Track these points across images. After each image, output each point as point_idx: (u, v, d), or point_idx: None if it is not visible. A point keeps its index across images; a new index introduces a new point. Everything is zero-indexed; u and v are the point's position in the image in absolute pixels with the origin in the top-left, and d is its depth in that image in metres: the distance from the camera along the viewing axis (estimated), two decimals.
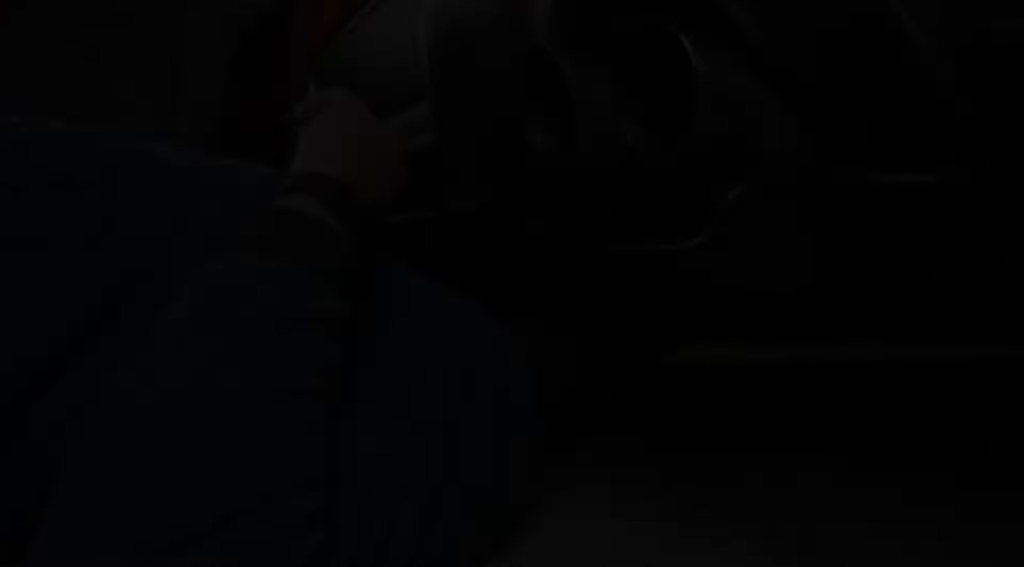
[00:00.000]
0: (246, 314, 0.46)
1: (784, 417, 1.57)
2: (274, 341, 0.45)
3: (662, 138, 0.49)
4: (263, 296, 0.47)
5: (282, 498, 0.41)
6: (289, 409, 0.44)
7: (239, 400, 0.42)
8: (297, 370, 0.45)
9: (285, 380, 0.44)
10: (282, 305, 0.47)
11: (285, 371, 0.45)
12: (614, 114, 0.49)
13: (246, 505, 0.39)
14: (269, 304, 0.47)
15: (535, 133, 0.58)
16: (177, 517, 0.38)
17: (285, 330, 0.46)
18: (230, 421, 0.41)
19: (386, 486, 0.50)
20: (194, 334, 0.45)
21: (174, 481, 0.39)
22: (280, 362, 0.45)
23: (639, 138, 0.49)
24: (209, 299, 0.47)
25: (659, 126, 0.49)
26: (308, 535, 0.42)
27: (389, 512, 0.50)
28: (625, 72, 0.48)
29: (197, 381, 0.42)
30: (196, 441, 0.40)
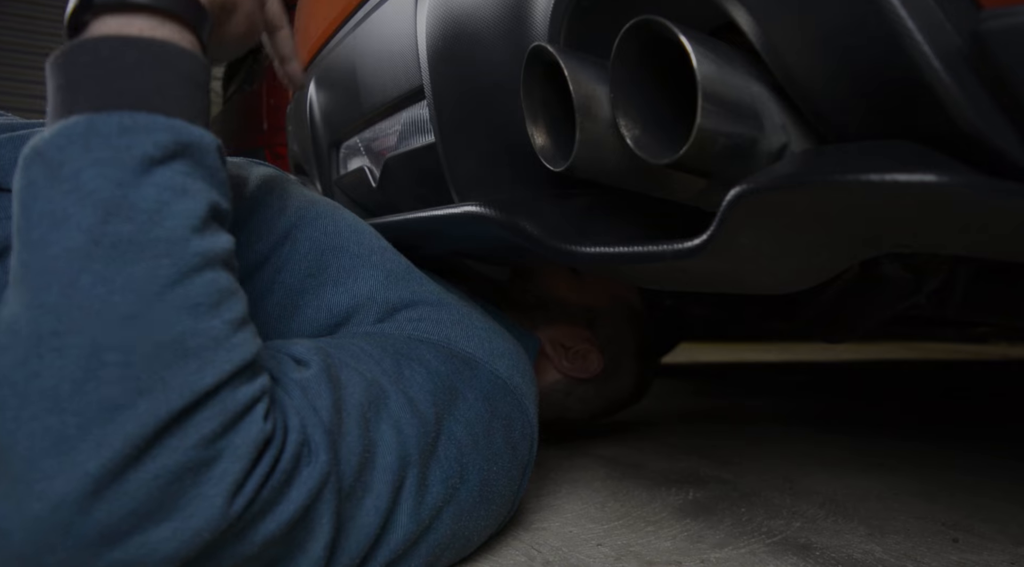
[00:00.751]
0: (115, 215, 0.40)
1: (784, 417, 1.57)
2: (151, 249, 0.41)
3: (662, 139, 0.49)
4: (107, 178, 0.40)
5: (218, 391, 0.41)
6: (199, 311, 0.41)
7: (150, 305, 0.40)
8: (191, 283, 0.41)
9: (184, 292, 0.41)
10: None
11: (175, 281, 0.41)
12: (614, 115, 0.49)
13: (181, 409, 0.39)
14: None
15: (535, 134, 0.58)
16: (113, 434, 0.37)
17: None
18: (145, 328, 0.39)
19: (363, 439, 0.51)
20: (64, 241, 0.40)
21: (98, 399, 0.38)
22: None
23: (639, 139, 0.49)
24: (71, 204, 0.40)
25: (659, 127, 0.49)
26: (251, 421, 0.42)
27: (363, 456, 0.50)
28: (625, 72, 0.48)
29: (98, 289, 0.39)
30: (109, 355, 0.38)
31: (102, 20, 0.45)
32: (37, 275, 0.39)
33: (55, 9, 5.55)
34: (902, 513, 0.85)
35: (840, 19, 0.39)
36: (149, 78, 0.44)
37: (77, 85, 0.43)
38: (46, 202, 0.40)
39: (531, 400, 0.69)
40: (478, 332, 0.68)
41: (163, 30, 0.46)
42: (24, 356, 0.38)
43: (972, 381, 2.56)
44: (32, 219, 0.40)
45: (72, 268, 0.39)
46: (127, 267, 0.39)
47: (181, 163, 0.43)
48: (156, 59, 0.44)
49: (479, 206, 0.66)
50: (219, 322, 0.42)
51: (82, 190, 0.40)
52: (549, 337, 0.96)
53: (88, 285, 0.39)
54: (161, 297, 0.40)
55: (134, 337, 0.39)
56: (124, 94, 0.42)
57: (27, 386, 0.37)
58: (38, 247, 0.40)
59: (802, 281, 0.58)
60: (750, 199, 0.43)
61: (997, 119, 0.35)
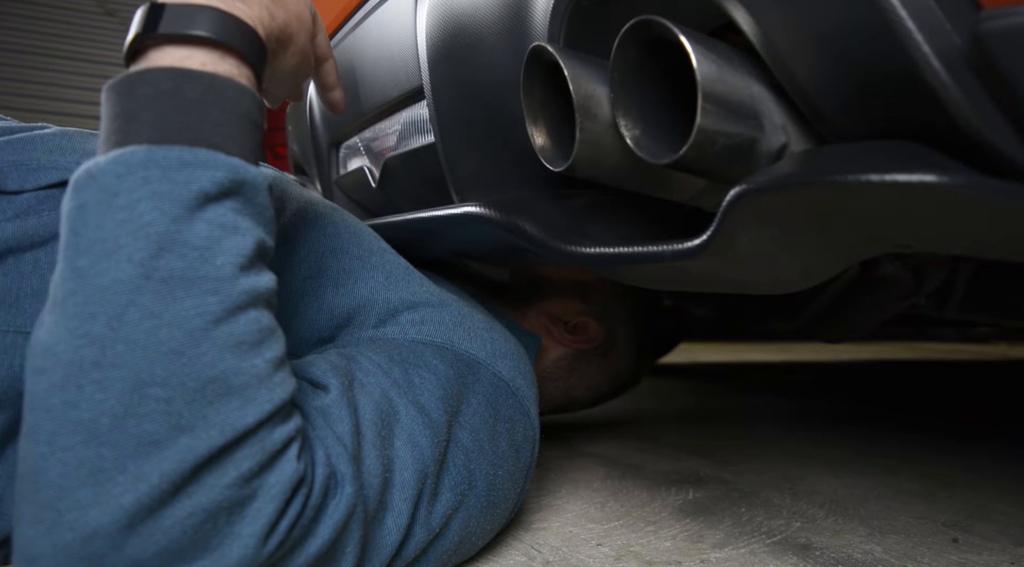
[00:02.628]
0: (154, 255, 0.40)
1: (784, 417, 1.56)
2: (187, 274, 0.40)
3: (662, 139, 0.49)
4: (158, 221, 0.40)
5: (254, 433, 0.41)
6: (240, 351, 0.41)
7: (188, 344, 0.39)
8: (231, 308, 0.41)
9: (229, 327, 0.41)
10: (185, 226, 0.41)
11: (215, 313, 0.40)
12: (614, 115, 0.49)
13: (221, 446, 0.39)
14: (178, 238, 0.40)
15: (535, 134, 0.58)
16: (151, 471, 0.37)
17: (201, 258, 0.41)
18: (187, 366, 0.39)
19: (382, 459, 0.51)
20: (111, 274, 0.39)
21: (138, 437, 0.37)
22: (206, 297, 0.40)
23: (639, 139, 0.49)
24: (108, 236, 0.40)
25: (659, 127, 0.49)
26: (286, 460, 0.42)
27: (380, 473, 0.50)
28: (625, 72, 0.48)
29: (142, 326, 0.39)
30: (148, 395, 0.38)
31: (163, 50, 0.45)
32: (83, 303, 0.39)
33: (55, 9, 5.55)
34: (902, 513, 0.85)
35: (840, 19, 0.39)
36: (208, 114, 0.43)
37: (136, 115, 0.42)
38: (97, 229, 0.40)
39: (532, 401, 0.69)
40: (480, 333, 0.67)
41: (223, 65, 0.46)
42: (63, 383, 0.37)
43: (972, 381, 2.56)
44: (81, 245, 0.40)
45: (120, 300, 0.38)
46: (176, 303, 0.39)
47: (233, 200, 0.43)
48: (217, 95, 0.44)
49: (479, 206, 0.66)
50: (261, 361, 0.42)
51: (137, 221, 0.39)
52: (546, 312, 0.96)
53: (135, 319, 0.38)
54: (207, 334, 0.39)
55: (179, 374, 0.38)
56: (184, 129, 0.42)
57: (64, 414, 0.37)
58: (86, 275, 0.39)
59: (802, 281, 0.58)
60: (750, 199, 0.43)
61: (997, 119, 0.35)
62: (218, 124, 0.43)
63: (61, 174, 0.57)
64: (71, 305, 0.39)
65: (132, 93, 0.43)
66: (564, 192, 0.68)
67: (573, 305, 0.98)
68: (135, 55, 0.46)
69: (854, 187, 0.38)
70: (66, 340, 0.38)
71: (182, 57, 0.45)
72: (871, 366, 2.99)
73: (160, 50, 0.45)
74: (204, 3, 0.46)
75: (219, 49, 0.46)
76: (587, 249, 0.59)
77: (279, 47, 0.53)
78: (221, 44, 0.46)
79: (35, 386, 0.39)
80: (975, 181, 0.36)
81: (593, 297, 1.00)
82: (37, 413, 0.38)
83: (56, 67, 5.49)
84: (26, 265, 0.53)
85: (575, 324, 0.97)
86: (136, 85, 0.43)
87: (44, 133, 0.61)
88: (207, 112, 0.43)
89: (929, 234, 0.47)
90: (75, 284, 0.39)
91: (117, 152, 0.41)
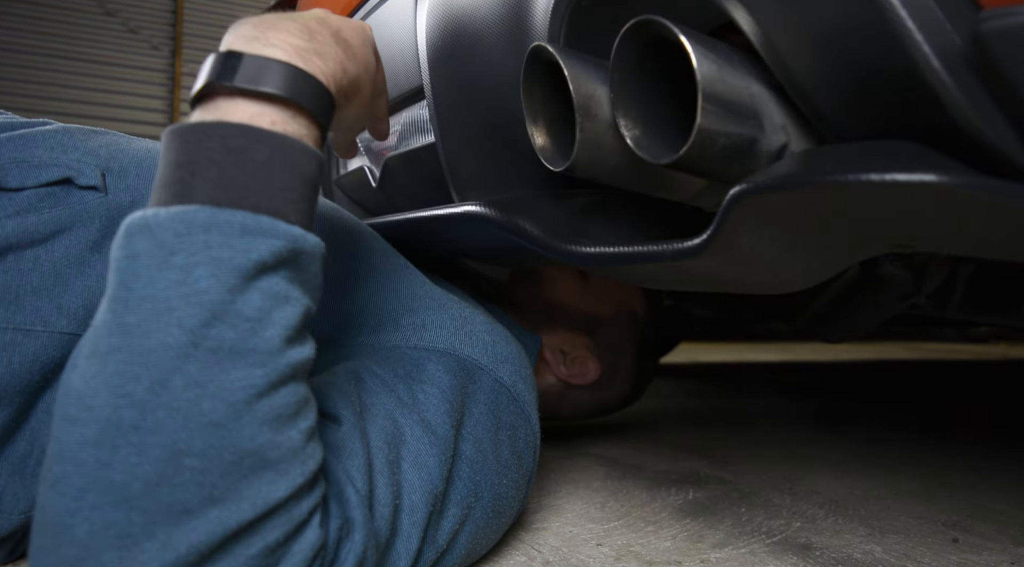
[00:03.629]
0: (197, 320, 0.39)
1: (784, 417, 1.56)
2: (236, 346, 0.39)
3: (662, 139, 0.49)
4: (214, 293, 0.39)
5: (284, 507, 0.41)
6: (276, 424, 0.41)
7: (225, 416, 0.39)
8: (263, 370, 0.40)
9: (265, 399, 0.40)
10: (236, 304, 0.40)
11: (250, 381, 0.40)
12: (614, 115, 0.49)
13: (251, 520, 0.39)
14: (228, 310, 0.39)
15: (535, 134, 0.58)
16: (181, 539, 0.37)
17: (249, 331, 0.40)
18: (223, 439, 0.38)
19: (391, 485, 0.51)
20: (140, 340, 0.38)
21: (172, 504, 0.37)
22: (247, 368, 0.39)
23: (639, 139, 0.49)
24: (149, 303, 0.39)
25: (659, 127, 0.49)
26: (310, 529, 0.42)
27: (392, 508, 0.50)
28: (625, 72, 0.48)
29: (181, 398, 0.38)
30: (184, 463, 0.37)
31: (234, 102, 0.44)
32: (127, 363, 0.38)
33: (55, 9, 5.55)
34: (902, 513, 0.85)
35: (840, 19, 0.39)
36: (274, 178, 0.42)
37: (200, 168, 0.41)
38: (149, 285, 0.39)
39: (533, 406, 0.69)
40: (481, 336, 0.67)
41: (293, 125, 0.45)
42: (97, 440, 0.37)
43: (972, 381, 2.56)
44: (131, 301, 0.39)
45: (166, 366, 0.38)
46: (221, 374, 0.38)
47: (288, 269, 0.42)
48: (284, 158, 0.43)
49: (479, 206, 0.66)
50: (296, 432, 0.41)
51: (192, 286, 0.38)
52: (549, 342, 0.95)
53: (180, 387, 0.37)
54: (249, 407, 0.39)
55: (217, 446, 0.38)
56: (247, 192, 0.41)
57: (95, 472, 0.37)
58: (133, 333, 0.38)
59: (802, 281, 0.58)
60: (750, 199, 0.43)
61: (997, 119, 0.35)
62: (282, 188, 0.42)
63: (62, 171, 0.57)
64: (114, 362, 0.38)
65: (199, 145, 0.42)
66: (564, 192, 0.68)
67: (580, 339, 0.96)
68: (202, 99, 0.45)
69: (854, 187, 0.38)
70: (104, 396, 0.37)
71: (253, 114, 0.44)
72: (871, 366, 2.99)
73: (231, 102, 0.44)
74: (282, 58, 0.45)
75: (291, 108, 0.45)
76: (587, 249, 0.59)
77: (346, 101, 0.51)
78: (293, 103, 0.45)
79: (65, 436, 0.38)
80: (975, 181, 0.36)
81: (601, 331, 0.99)
82: (66, 465, 0.37)
83: (56, 67, 5.50)
84: (26, 262, 0.54)
85: (574, 357, 0.95)
86: (204, 137, 0.42)
87: (46, 129, 0.61)
88: (273, 175, 0.42)
89: (929, 234, 0.47)
90: (120, 341, 0.38)
91: (179, 209, 0.40)
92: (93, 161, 0.59)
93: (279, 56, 0.45)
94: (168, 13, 5.92)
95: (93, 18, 5.68)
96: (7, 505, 0.54)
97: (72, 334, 0.54)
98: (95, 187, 0.58)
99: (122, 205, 0.58)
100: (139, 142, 0.66)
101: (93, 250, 0.56)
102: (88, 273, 0.55)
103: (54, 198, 0.56)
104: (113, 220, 0.57)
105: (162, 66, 5.87)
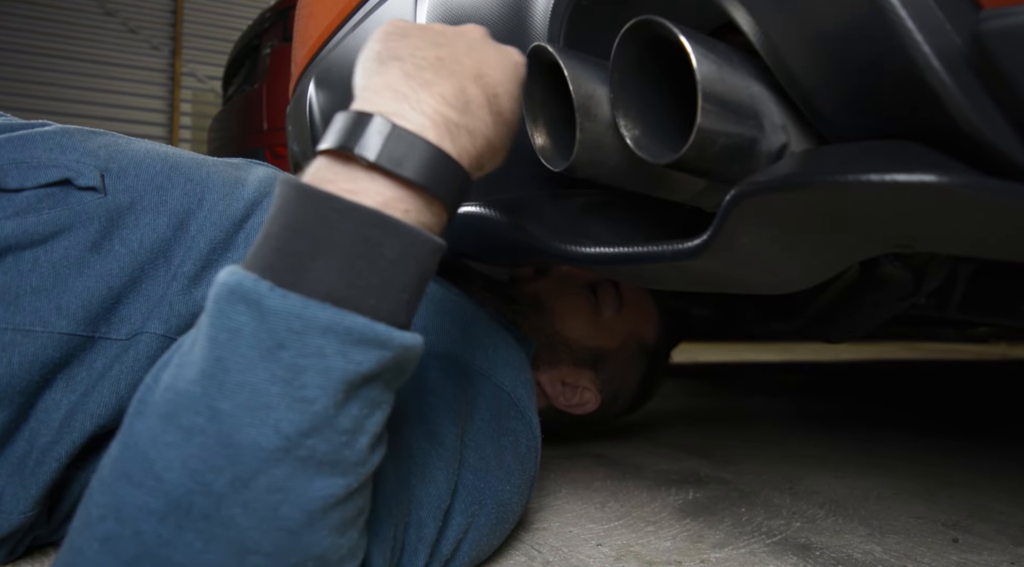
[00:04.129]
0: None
1: (784, 417, 1.57)
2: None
3: (662, 139, 0.49)
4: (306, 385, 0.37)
5: None
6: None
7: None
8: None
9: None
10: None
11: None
12: (614, 115, 0.49)
13: None
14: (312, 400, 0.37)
15: (535, 134, 0.58)
16: None
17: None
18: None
19: (399, 503, 0.51)
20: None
21: None
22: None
23: (639, 139, 0.49)
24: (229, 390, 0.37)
25: (659, 127, 0.49)
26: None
27: (405, 526, 0.51)
28: (625, 72, 0.48)
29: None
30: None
31: (372, 178, 0.39)
32: (211, 451, 0.36)
33: (55, 9, 5.55)
34: (902, 513, 0.85)
35: (840, 19, 0.39)
36: (397, 278, 0.39)
37: (324, 250, 0.37)
38: (249, 373, 0.36)
39: (533, 410, 0.69)
40: (482, 340, 0.67)
41: (427, 214, 0.41)
42: (162, 515, 0.36)
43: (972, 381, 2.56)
44: (226, 384, 0.36)
45: (252, 466, 0.36)
46: (306, 483, 0.37)
47: (389, 374, 0.40)
48: (411, 258, 0.39)
49: (479, 206, 0.66)
50: (355, 532, 0.41)
51: (297, 392, 0.36)
52: (550, 375, 0.92)
53: (262, 489, 0.36)
54: (324, 516, 0.38)
55: (285, 550, 0.37)
56: (369, 292, 0.38)
57: (155, 548, 0.36)
58: (223, 422, 0.36)
59: (802, 281, 0.58)
60: (750, 199, 0.43)
61: (997, 119, 0.35)
62: (401, 290, 0.39)
63: (62, 172, 0.57)
64: (197, 445, 0.36)
65: (328, 222, 0.37)
66: (564, 192, 0.68)
67: (583, 372, 0.93)
68: (334, 155, 0.41)
69: (854, 187, 0.38)
70: (179, 475, 0.36)
71: (388, 198, 0.39)
72: (871, 366, 2.99)
73: (369, 176, 0.39)
74: (431, 138, 0.40)
75: (427, 196, 0.40)
76: (587, 249, 0.59)
77: (479, 170, 0.45)
78: (431, 192, 0.40)
79: (126, 496, 0.36)
80: (975, 181, 0.36)
81: (605, 364, 0.96)
82: (123, 528, 0.36)
83: (56, 67, 5.50)
84: (25, 263, 0.53)
85: (575, 388, 0.93)
86: (336, 216, 0.37)
87: (45, 130, 0.61)
88: (397, 275, 0.39)
89: (929, 234, 0.47)
90: (207, 424, 0.36)
91: (297, 300, 0.36)
92: (92, 162, 0.59)
93: (427, 135, 0.40)
94: (168, 13, 5.92)
95: (93, 18, 5.68)
96: (7, 505, 0.54)
97: (71, 334, 0.54)
98: (94, 188, 0.58)
99: (121, 206, 0.58)
100: (138, 143, 0.66)
101: (92, 251, 0.56)
102: (87, 274, 0.55)
103: (53, 199, 0.56)
104: (112, 221, 0.57)
105: (162, 66, 5.87)
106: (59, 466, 0.54)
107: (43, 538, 0.61)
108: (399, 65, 0.42)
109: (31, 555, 0.62)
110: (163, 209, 0.60)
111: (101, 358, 0.55)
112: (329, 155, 0.41)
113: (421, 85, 0.41)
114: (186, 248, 0.59)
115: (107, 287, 0.55)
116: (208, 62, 5.89)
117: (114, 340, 0.55)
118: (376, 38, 0.45)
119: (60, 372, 0.54)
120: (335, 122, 0.41)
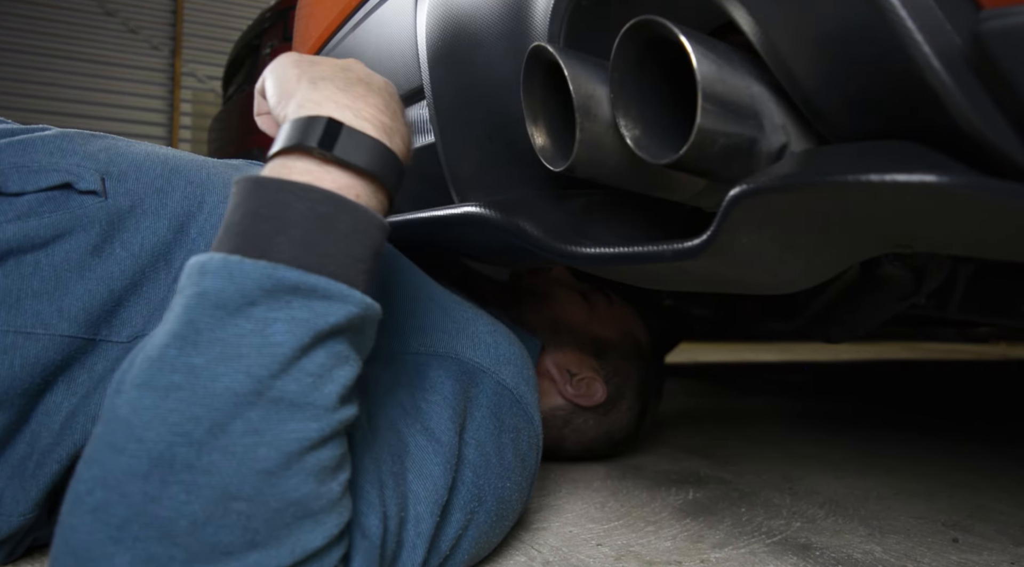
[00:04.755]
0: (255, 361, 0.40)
1: (784, 417, 1.57)
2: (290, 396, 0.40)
3: (662, 139, 0.49)
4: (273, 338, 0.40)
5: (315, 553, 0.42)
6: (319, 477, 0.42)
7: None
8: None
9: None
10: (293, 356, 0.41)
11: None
12: (614, 115, 0.49)
13: (287, 566, 0.40)
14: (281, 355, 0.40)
15: (535, 134, 0.58)
16: None
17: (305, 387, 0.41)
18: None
19: (397, 497, 0.51)
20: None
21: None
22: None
23: (639, 139, 0.49)
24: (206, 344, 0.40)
25: (659, 127, 0.49)
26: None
27: (401, 515, 0.51)
28: (625, 72, 0.48)
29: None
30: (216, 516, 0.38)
31: (327, 169, 0.45)
32: (188, 403, 0.38)
33: (55, 9, 5.55)
34: (902, 513, 0.85)
35: (840, 19, 0.39)
36: (352, 249, 0.44)
37: (286, 227, 0.42)
38: (221, 330, 0.39)
39: (535, 407, 0.69)
40: (483, 337, 0.67)
41: (374, 200, 0.47)
42: (146, 474, 0.37)
43: (972, 381, 2.56)
44: (200, 342, 0.39)
45: (228, 411, 0.38)
46: (279, 424, 0.39)
47: (352, 333, 0.44)
48: (363, 233, 0.44)
49: (479, 206, 0.66)
50: (336, 485, 0.43)
51: (266, 340, 0.40)
52: (556, 361, 0.93)
53: (239, 432, 0.38)
54: (300, 459, 0.40)
55: (266, 493, 0.39)
56: (327, 259, 0.42)
57: (142, 506, 0.37)
58: (199, 374, 0.39)
59: (803, 281, 0.58)
60: (750, 199, 0.43)
61: (997, 119, 0.35)
62: (356, 260, 0.44)
63: (62, 176, 0.57)
64: (174, 399, 0.38)
65: (287, 204, 0.43)
66: (564, 192, 0.68)
67: (587, 360, 0.95)
68: (287, 154, 0.46)
69: (854, 187, 0.38)
70: (159, 431, 0.38)
71: (342, 185, 0.45)
72: (871, 366, 2.99)
73: (324, 168, 0.45)
74: (375, 135, 0.47)
75: (375, 184, 0.47)
76: (587, 249, 0.59)
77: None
78: (377, 180, 0.47)
79: (110, 464, 0.38)
80: (975, 181, 0.36)
81: (608, 354, 0.97)
82: (110, 494, 0.37)
83: (56, 67, 5.50)
84: (26, 267, 0.53)
85: (581, 378, 0.93)
86: (293, 197, 0.43)
87: (44, 135, 0.61)
88: (352, 247, 0.44)
89: (929, 234, 0.47)
90: (184, 379, 0.39)
91: (267, 264, 0.41)
92: (92, 165, 0.59)
93: (372, 133, 0.47)
94: (168, 13, 5.92)
95: (93, 18, 5.67)
96: (7, 507, 0.54)
97: (72, 337, 0.54)
98: (95, 191, 0.58)
99: (121, 209, 0.58)
100: (138, 145, 0.66)
101: (93, 254, 0.56)
102: (88, 277, 0.55)
103: (54, 203, 0.56)
104: (112, 224, 0.57)
105: (162, 66, 5.87)
106: (59, 468, 0.54)
107: (43, 539, 0.61)
108: (330, 82, 0.49)
109: (31, 555, 0.62)
110: (163, 212, 0.60)
111: (102, 361, 0.55)
112: (282, 155, 0.46)
113: (357, 97, 0.48)
114: (187, 251, 0.59)
115: (108, 290, 0.55)
116: (208, 62, 5.89)
117: (115, 343, 0.55)
118: (287, 65, 0.52)
119: (61, 374, 0.54)
120: (283, 130, 0.47)
